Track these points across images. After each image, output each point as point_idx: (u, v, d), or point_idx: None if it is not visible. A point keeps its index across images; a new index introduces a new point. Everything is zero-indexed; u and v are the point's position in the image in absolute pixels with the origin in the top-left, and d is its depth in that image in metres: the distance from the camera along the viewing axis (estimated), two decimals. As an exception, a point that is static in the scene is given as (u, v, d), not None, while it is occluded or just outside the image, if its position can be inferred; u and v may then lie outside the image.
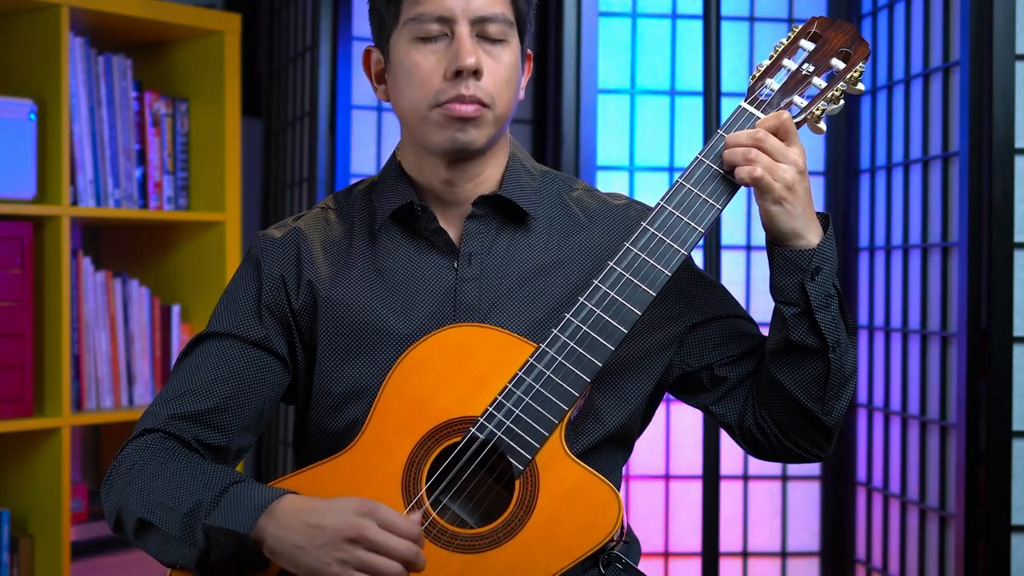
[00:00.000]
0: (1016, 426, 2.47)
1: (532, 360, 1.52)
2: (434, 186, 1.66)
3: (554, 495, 1.49)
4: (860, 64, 1.59)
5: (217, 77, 3.07)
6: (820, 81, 1.59)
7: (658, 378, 1.68)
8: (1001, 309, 2.47)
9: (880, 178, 3.00)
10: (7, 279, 2.71)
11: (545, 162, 3.11)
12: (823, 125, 1.60)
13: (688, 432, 3.10)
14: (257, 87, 3.85)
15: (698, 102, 3.09)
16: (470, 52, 1.55)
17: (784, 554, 3.17)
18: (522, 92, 1.67)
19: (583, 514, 1.49)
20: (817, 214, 1.59)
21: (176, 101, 3.08)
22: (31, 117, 2.75)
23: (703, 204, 1.56)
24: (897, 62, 2.91)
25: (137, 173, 2.99)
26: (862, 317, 3.07)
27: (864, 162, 3.08)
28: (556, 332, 1.52)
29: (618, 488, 1.60)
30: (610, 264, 1.55)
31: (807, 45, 1.61)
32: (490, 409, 1.51)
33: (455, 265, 1.64)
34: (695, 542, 2.99)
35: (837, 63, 1.60)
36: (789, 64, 1.61)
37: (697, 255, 2.71)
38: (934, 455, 2.72)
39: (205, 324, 1.70)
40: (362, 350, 1.62)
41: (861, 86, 1.60)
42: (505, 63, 1.59)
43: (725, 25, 3.07)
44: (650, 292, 1.53)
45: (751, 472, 3.14)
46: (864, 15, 3.06)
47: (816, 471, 3.17)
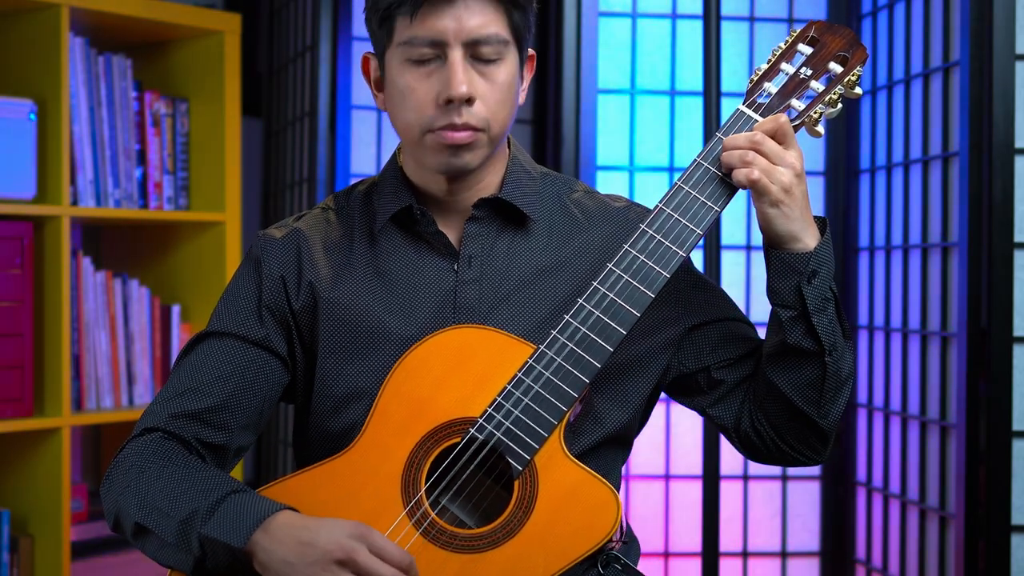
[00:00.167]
0: (1016, 426, 2.47)
1: (531, 361, 1.52)
2: (434, 192, 1.66)
3: (553, 496, 1.50)
4: (858, 68, 1.59)
5: (217, 77, 3.07)
6: (818, 85, 1.59)
7: (656, 380, 1.69)
8: (1001, 309, 2.47)
9: (880, 178, 3.00)
10: (7, 279, 2.71)
11: (545, 162, 3.11)
12: (821, 128, 1.61)
13: (688, 432, 3.10)
14: (257, 87, 3.85)
15: (698, 102, 3.09)
16: (461, 81, 1.53)
17: (784, 554, 3.17)
18: (523, 95, 1.66)
19: (582, 515, 1.49)
20: (815, 218, 1.59)
21: (176, 101, 3.08)
22: (31, 117, 2.75)
23: (701, 206, 1.56)
24: (897, 62, 2.91)
25: (137, 173, 2.99)
26: (862, 317, 3.07)
27: (864, 162, 3.08)
28: (555, 334, 1.53)
29: (617, 488, 1.61)
30: (609, 266, 1.55)
31: (805, 49, 1.61)
32: (489, 410, 1.51)
33: (455, 267, 1.64)
34: (695, 542, 2.99)
35: (835, 67, 1.60)
36: (787, 68, 1.61)
37: (697, 255, 2.71)
38: (934, 455, 2.72)
39: (205, 324, 1.71)
40: (362, 352, 1.63)
41: (859, 90, 1.61)
42: (500, 82, 1.57)
43: (725, 25, 3.06)
44: (649, 294, 1.53)
45: (751, 472, 3.14)
46: (864, 15, 3.06)
47: (816, 471, 3.17)
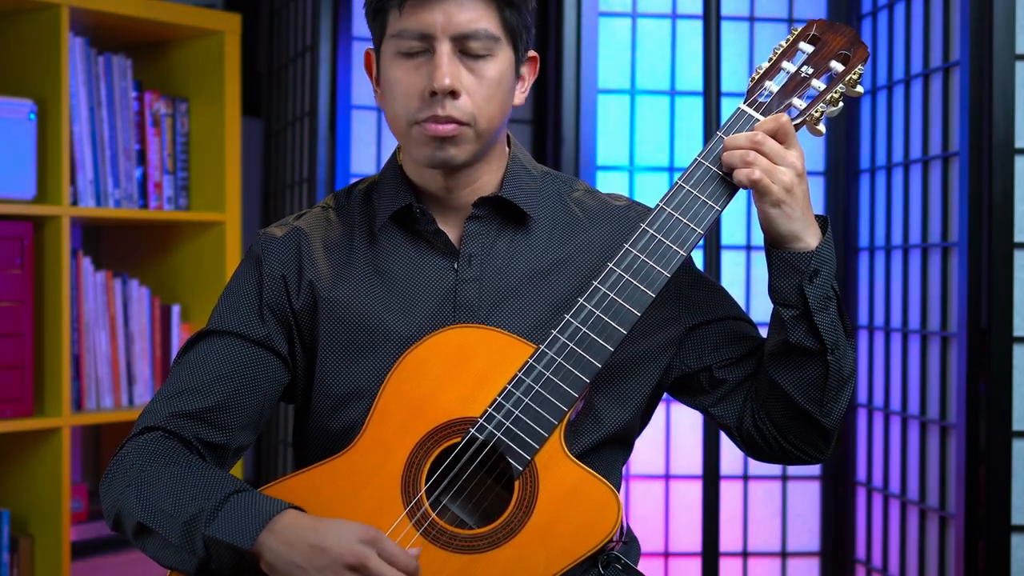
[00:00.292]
0: (1016, 426, 2.47)
1: (531, 361, 1.52)
2: (433, 190, 1.66)
3: (553, 496, 1.49)
4: (859, 66, 1.59)
5: (217, 77, 3.07)
6: (819, 83, 1.59)
7: (657, 379, 1.68)
8: (1001, 309, 2.47)
9: (880, 178, 2.99)
10: (7, 279, 2.71)
11: (545, 162, 3.11)
12: (822, 127, 1.60)
13: (688, 432, 3.10)
14: (257, 87, 3.85)
15: (698, 102, 3.08)
16: (445, 73, 1.54)
17: (784, 554, 3.17)
18: (523, 96, 1.66)
19: (582, 515, 1.49)
20: (816, 217, 1.59)
21: (176, 101, 3.08)
22: (31, 117, 2.75)
23: (702, 205, 1.56)
24: (897, 62, 2.91)
25: (137, 173, 2.99)
26: (862, 317, 3.07)
27: (864, 162, 3.07)
28: (555, 333, 1.52)
29: (618, 488, 1.60)
30: (609, 265, 1.54)
31: (806, 47, 1.61)
32: (489, 410, 1.51)
33: (455, 266, 1.64)
34: (695, 542, 2.99)
35: (836, 65, 1.60)
36: (788, 66, 1.61)
37: (697, 255, 2.71)
38: (934, 455, 2.72)
39: (205, 324, 1.70)
40: (362, 351, 1.62)
41: (860, 88, 1.60)
42: (489, 78, 1.57)
43: (725, 25, 3.06)
44: (649, 293, 1.53)
45: (751, 472, 3.14)
46: (864, 15, 3.06)
47: (816, 471, 3.17)
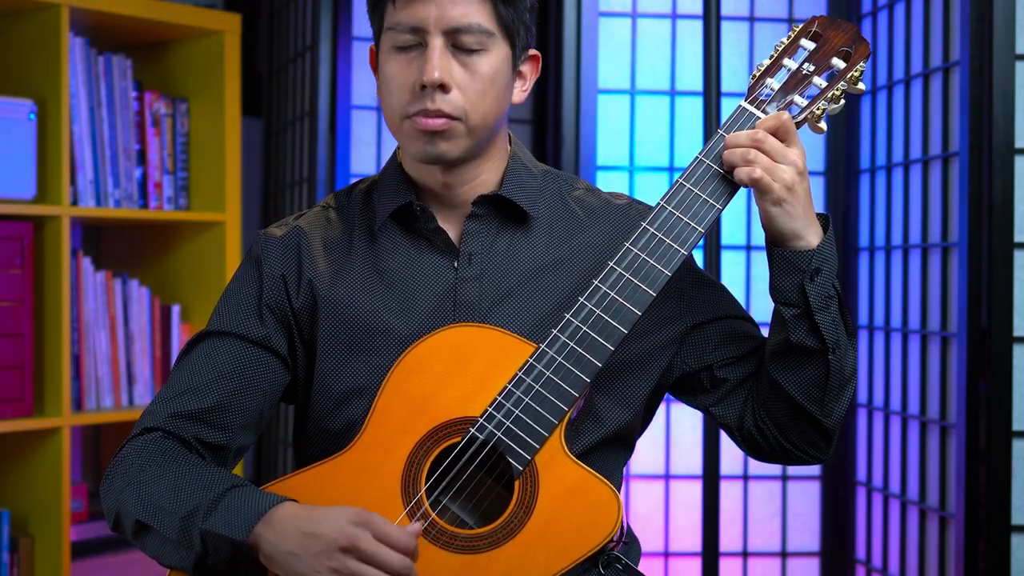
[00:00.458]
0: (1016, 426, 2.47)
1: (532, 360, 1.52)
2: (432, 187, 1.66)
3: (554, 495, 1.49)
4: (861, 63, 1.59)
5: (217, 77, 3.06)
6: (821, 80, 1.59)
7: (658, 379, 1.68)
8: (1001, 309, 2.47)
9: (880, 178, 2.99)
10: (7, 279, 2.71)
11: (545, 162, 3.11)
12: (824, 125, 1.60)
13: (688, 432, 3.10)
14: (257, 87, 3.84)
15: (698, 102, 3.08)
16: (435, 67, 1.54)
17: (784, 554, 3.16)
18: (523, 95, 1.66)
19: (583, 515, 1.49)
20: (817, 215, 1.58)
21: (176, 101, 3.08)
22: (31, 117, 2.75)
23: (703, 204, 1.55)
24: (897, 62, 2.91)
25: (137, 173, 2.99)
26: (862, 317, 3.07)
27: (864, 162, 3.07)
28: (556, 332, 1.52)
29: (619, 488, 1.60)
30: (610, 264, 1.54)
31: (807, 44, 1.61)
32: (490, 409, 1.51)
33: (455, 265, 1.64)
34: (695, 542, 2.99)
35: (838, 62, 1.59)
36: (789, 63, 1.60)
37: (697, 255, 2.71)
38: (934, 455, 2.72)
39: (205, 324, 1.70)
40: (362, 350, 1.62)
41: (862, 85, 1.60)
42: (482, 73, 1.57)
43: (725, 25, 3.06)
44: (650, 292, 1.53)
45: (751, 472, 3.14)
46: (864, 15, 3.06)
47: (816, 471, 3.17)
